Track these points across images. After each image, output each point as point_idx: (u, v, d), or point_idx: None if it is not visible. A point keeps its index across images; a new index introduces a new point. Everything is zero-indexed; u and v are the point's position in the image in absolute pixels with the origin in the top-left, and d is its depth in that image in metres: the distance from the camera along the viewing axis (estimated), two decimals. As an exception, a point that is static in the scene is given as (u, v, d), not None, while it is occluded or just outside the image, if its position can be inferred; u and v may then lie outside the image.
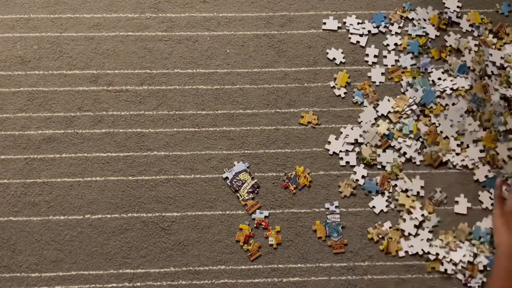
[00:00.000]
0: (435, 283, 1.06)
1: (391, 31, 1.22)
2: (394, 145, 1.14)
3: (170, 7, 1.24)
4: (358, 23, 1.22)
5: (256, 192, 1.11)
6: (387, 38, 1.22)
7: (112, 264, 1.06)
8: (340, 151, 1.14)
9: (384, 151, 1.13)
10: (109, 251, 1.07)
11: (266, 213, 1.09)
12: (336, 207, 1.10)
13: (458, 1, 1.24)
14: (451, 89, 1.16)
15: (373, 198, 1.11)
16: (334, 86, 1.18)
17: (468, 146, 1.13)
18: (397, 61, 1.20)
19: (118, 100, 1.17)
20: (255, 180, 1.12)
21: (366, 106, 1.17)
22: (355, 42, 1.21)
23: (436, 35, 1.22)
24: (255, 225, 1.08)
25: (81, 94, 1.17)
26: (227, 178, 1.12)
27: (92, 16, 1.23)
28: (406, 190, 1.11)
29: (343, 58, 1.20)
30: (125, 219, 1.09)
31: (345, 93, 1.18)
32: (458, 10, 1.24)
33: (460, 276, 1.05)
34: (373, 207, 1.10)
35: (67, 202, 1.10)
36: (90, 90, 1.18)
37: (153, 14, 1.23)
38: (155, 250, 1.07)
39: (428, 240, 1.07)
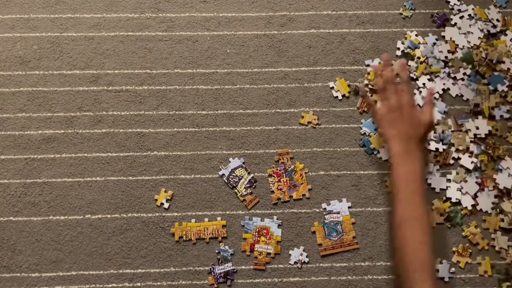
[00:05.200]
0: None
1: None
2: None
3: (170, 7, 1.24)
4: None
5: (253, 186, 1.11)
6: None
7: (112, 264, 1.06)
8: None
9: None
10: (109, 251, 1.07)
11: (267, 221, 1.09)
12: (348, 207, 1.10)
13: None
14: None
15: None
16: (333, 87, 1.18)
17: None
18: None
19: (118, 100, 1.17)
20: (252, 175, 1.12)
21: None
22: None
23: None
24: (256, 232, 1.08)
25: (81, 94, 1.17)
26: (223, 175, 1.12)
27: (92, 16, 1.23)
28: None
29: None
30: (125, 219, 1.09)
31: (344, 95, 1.18)
32: (458, 3, 1.25)
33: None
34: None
35: (67, 202, 1.10)
36: (90, 90, 1.18)
37: (153, 14, 1.23)
38: (155, 250, 1.07)
39: None
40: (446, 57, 1.19)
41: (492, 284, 1.05)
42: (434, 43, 1.20)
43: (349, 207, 1.10)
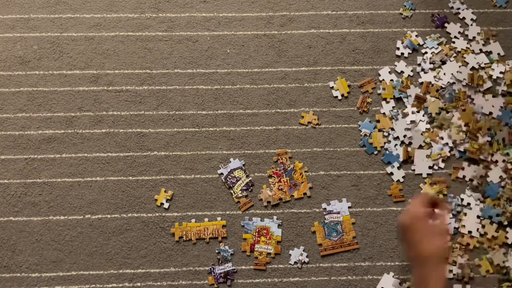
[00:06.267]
0: (435, 283, 1.05)
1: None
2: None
3: (170, 7, 1.24)
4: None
5: (250, 190, 1.11)
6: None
7: (112, 264, 1.06)
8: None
9: None
10: (109, 251, 1.07)
11: (267, 221, 1.09)
12: (348, 207, 1.10)
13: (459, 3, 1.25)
14: None
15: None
16: (332, 87, 1.18)
17: None
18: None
19: (118, 100, 1.17)
20: (250, 178, 1.12)
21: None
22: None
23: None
24: (256, 232, 1.08)
25: (81, 94, 1.17)
26: (222, 174, 1.12)
27: (92, 16, 1.23)
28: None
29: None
30: (125, 219, 1.09)
31: (343, 95, 1.18)
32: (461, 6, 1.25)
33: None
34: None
35: (67, 202, 1.10)
36: (90, 90, 1.18)
37: (153, 14, 1.23)
38: (155, 250, 1.07)
39: None
40: None
41: (492, 284, 1.05)
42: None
43: (349, 207, 1.10)
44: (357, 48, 1.22)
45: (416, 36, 1.22)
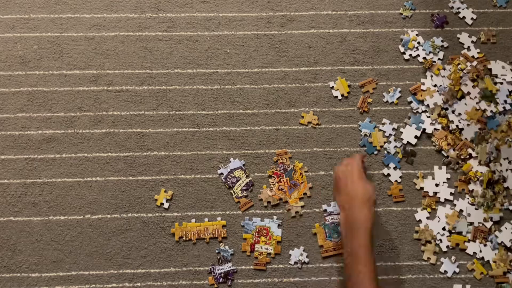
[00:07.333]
0: (435, 283, 1.06)
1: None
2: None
3: (170, 7, 1.24)
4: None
5: (250, 190, 1.11)
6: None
7: (112, 264, 1.06)
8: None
9: None
10: (109, 251, 1.07)
11: (267, 221, 1.09)
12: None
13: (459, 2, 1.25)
14: None
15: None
16: (332, 87, 1.18)
17: None
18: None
19: (118, 100, 1.17)
20: (250, 178, 1.12)
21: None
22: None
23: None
24: (256, 232, 1.08)
25: (81, 94, 1.17)
26: (222, 174, 1.12)
27: (92, 16, 1.23)
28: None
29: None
30: (125, 219, 1.09)
31: (343, 95, 1.18)
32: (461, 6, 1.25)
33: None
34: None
35: (67, 202, 1.10)
36: (90, 90, 1.18)
37: (153, 14, 1.23)
38: (155, 250, 1.07)
39: None
40: None
41: (490, 284, 1.05)
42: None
43: (349, 207, 1.10)
44: (357, 48, 1.22)
45: (416, 35, 1.22)
